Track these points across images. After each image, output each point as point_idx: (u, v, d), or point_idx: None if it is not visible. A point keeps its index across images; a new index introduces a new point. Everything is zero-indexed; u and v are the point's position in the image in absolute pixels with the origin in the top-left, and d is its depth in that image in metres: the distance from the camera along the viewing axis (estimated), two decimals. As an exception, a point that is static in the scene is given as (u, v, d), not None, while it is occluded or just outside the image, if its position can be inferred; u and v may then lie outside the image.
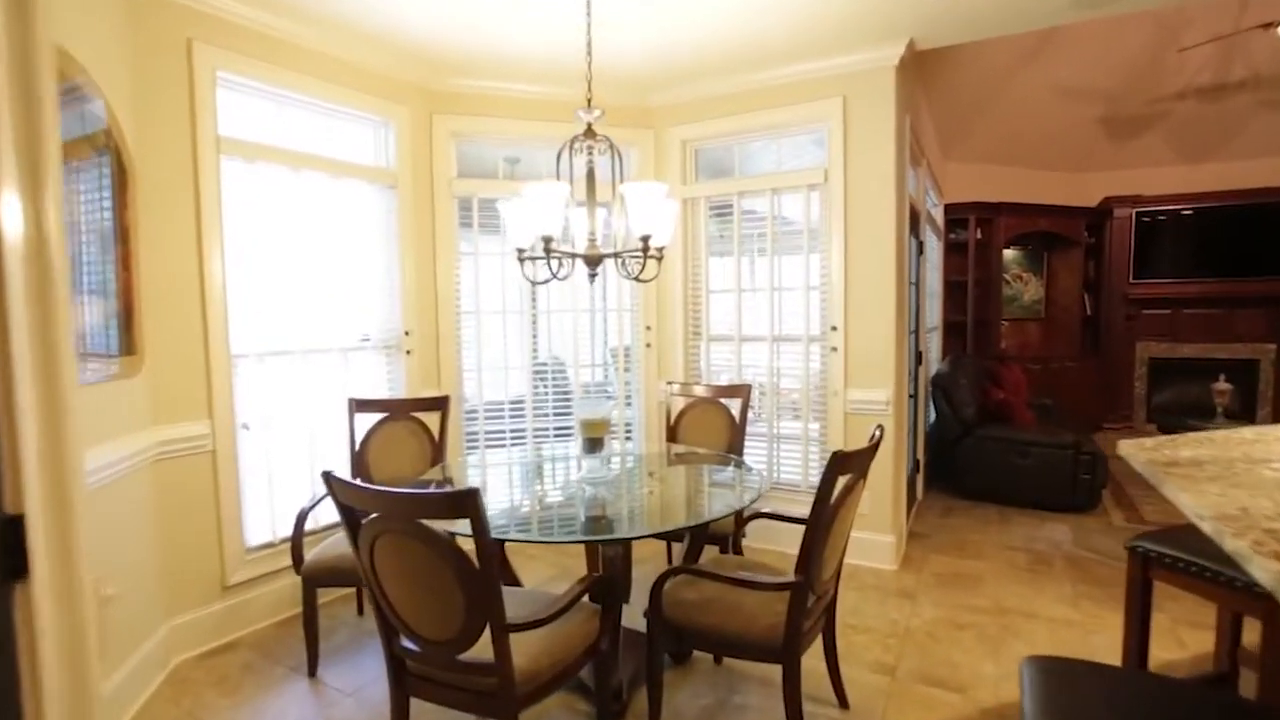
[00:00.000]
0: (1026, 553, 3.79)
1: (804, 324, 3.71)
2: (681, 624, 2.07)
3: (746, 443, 3.80)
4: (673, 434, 3.58)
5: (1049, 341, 7.18)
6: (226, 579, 2.87)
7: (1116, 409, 7.12)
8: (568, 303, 4.07)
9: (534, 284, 2.42)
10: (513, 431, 4.07)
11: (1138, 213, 6.89)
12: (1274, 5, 4.95)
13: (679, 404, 3.60)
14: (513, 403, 4.11)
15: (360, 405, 3.13)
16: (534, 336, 4.31)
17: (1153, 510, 4.43)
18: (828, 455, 3.79)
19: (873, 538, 3.55)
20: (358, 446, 3.05)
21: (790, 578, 1.95)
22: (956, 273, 6.51)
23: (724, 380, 4.07)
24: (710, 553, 2.76)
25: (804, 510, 2.02)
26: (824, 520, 1.94)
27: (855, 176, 3.50)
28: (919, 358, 4.58)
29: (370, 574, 1.74)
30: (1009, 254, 6.98)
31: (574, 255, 2.41)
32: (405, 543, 1.65)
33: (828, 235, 3.59)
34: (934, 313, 5.99)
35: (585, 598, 2.02)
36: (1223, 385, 5.20)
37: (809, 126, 3.66)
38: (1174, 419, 5.64)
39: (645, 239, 2.29)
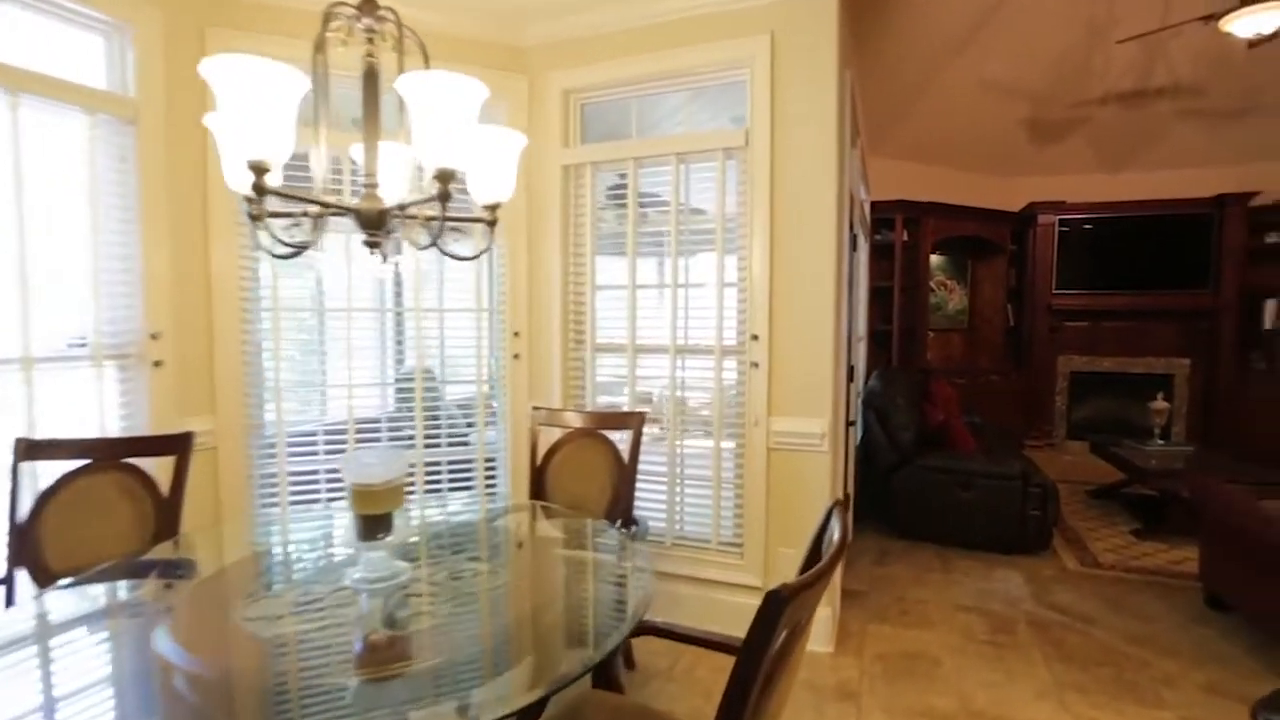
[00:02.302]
0: (982, 616, 3.08)
1: (717, 331, 2.85)
2: None
3: (642, 482, 2.91)
4: (539, 480, 2.62)
5: (973, 354, 6.74)
6: None
7: (1039, 425, 6.76)
8: (449, 299, 3.05)
9: (275, 256, 1.44)
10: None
11: (1060, 220, 6.56)
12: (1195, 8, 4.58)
13: (548, 437, 2.65)
14: (362, 425, 3.02)
15: (34, 450, 1.99)
16: (398, 342, 3.27)
17: (1106, 551, 3.88)
18: (743, 502, 2.99)
19: (802, 610, 2.72)
20: (27, 515, 1.92)
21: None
22: (882, 277, 5.92)
23: (613, 403, 3.16)
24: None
25: (716, 576, 1.13)
26: (755, 680, 1.04)
27: (785, 141, 2.68)
28: (849, 372, 3.84)
29: None
30: (934, 260, 6.48)
31: (327, 208, 1.41)
32: None
33: (748, 216, 2.75)
34: (859, 320, 5.34)
35: None
36: (1160, 404, 4.81)
37: (727, 73, 2.81)
38: (1106, 437, 5.24)
39: (443, 179, 1.33)
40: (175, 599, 1.53)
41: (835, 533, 1.25)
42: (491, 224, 1.65)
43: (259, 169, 1.19)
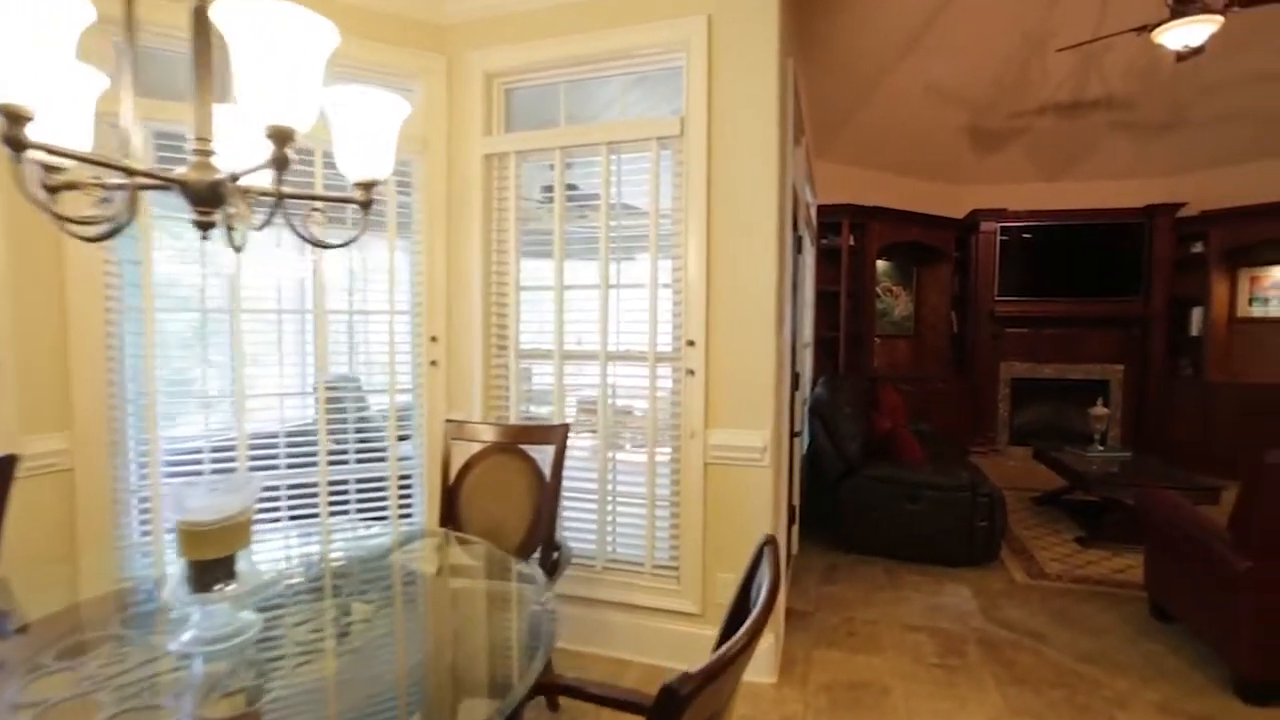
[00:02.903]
0: (932, 636, 2.93)
1: (650, 336, 2.63)
2: None
3: (571, 500, 2.66)
4: (451, 502, 2.34)
5: (919, 360, 6.73)
6: None
7: (982, 431, 6.78)
8: (370, 300, 2.72)
9: (82, 239, 1.13)
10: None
11: (1001, 228, 6.62)
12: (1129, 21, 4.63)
13: (462, 453, 2.38)
14: (255, 441, 2.67)
15: None
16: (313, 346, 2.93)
17: (1052, 561, 3.81)
18: (679, 521, 2.76)
19: (743, 638, 2.50)
20: None
21: None
22: (829, 282, 5.83)
23: (549, 415, 2.90)
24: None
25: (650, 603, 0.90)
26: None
27: (723, 131, 2.48)
28: (795, 379, 3.68)
29: None
30: (880, 266, 6.44)
31: (134, 175, 1.11)
32: None
33: (684, 211, 2.54)
34: (805, 326, 5.21)
35: None
36: (1100, 410, 4.82)
37: (662, 57, 2.60)
38: (1049, 444, 5.24)
39: (278, 139, 1.05)
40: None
41: (765, 583, 1.02)
42: (365, 206, 1.38)
43: (13, 115, 0.90)
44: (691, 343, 2.51)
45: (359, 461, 2.85)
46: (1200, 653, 2.78)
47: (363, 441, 2.90)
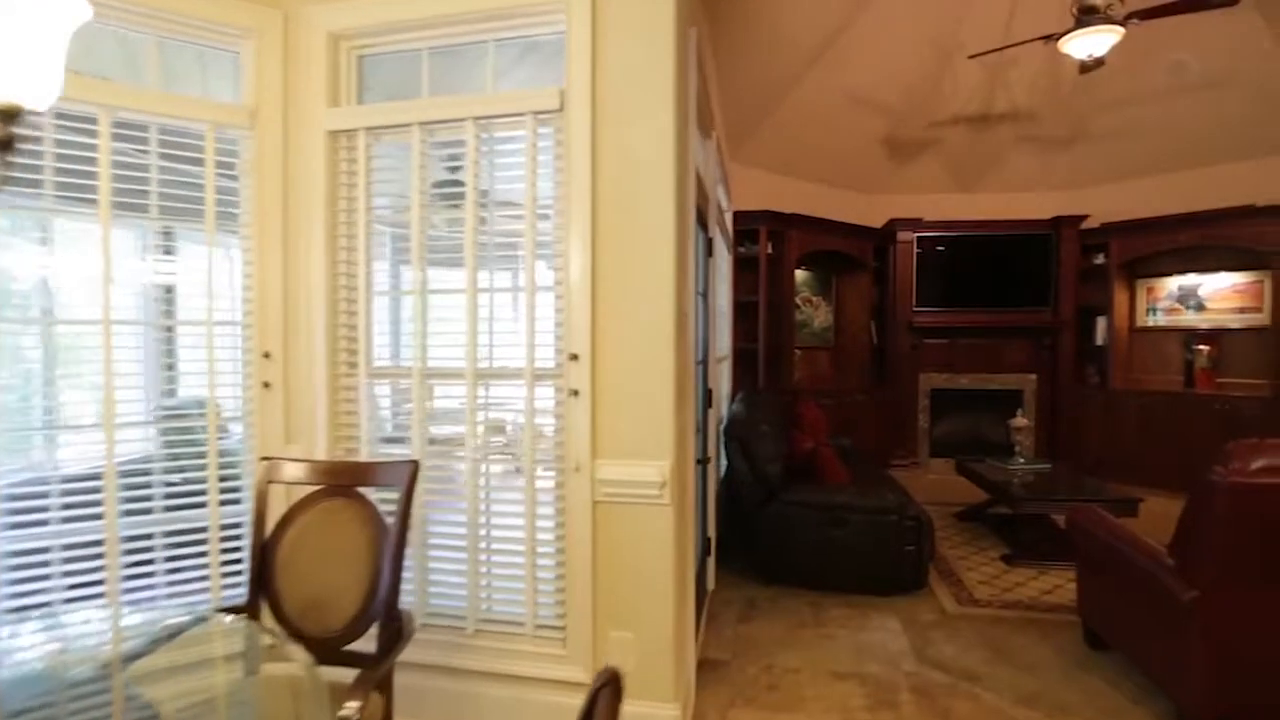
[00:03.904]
0: (861, 684, 2.60)
1: (527, 350, 2.19)
2: None
3: (438, 550, 2.19)
4: (265, 565, 1.83)
5: (840, 372, 6.56)
6: None
7: (903, 444, 6.67)
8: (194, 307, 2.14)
9: None
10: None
11: (919, 238, 6.56)
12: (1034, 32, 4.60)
13: (284, 499, 1.87)
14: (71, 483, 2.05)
15: None
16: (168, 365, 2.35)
17: (981, 583, 3.59)
18: (565, 572, 2.09)
19: (647, 711, 2.08)
20: None
21: None
22: (747, 292, 5.55)
23: (385, 451, 2.40)
24: None
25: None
26: None
27: (611, 107, 2.09)
28: (708, 397, 3.32)
29: None
30: (799, 276, 6.24)
31: None
32: None
33: (565, 201, 2.13)
34: (723, 338, 4.90)
35: None
36: (1020, 421, 4.73)
37: (541, 18, 2.19)
38: (970, 455, 5.12)
39: None
40: None
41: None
42: (4, 147, 0.89)
43: None
44: (575, 356, 2.09)
45: (169, 510, 2.27)
46: (1141, 685, 2.56)
47: (184, 484, 2.32)
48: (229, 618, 1.54)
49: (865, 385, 6.43)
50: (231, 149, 2.34)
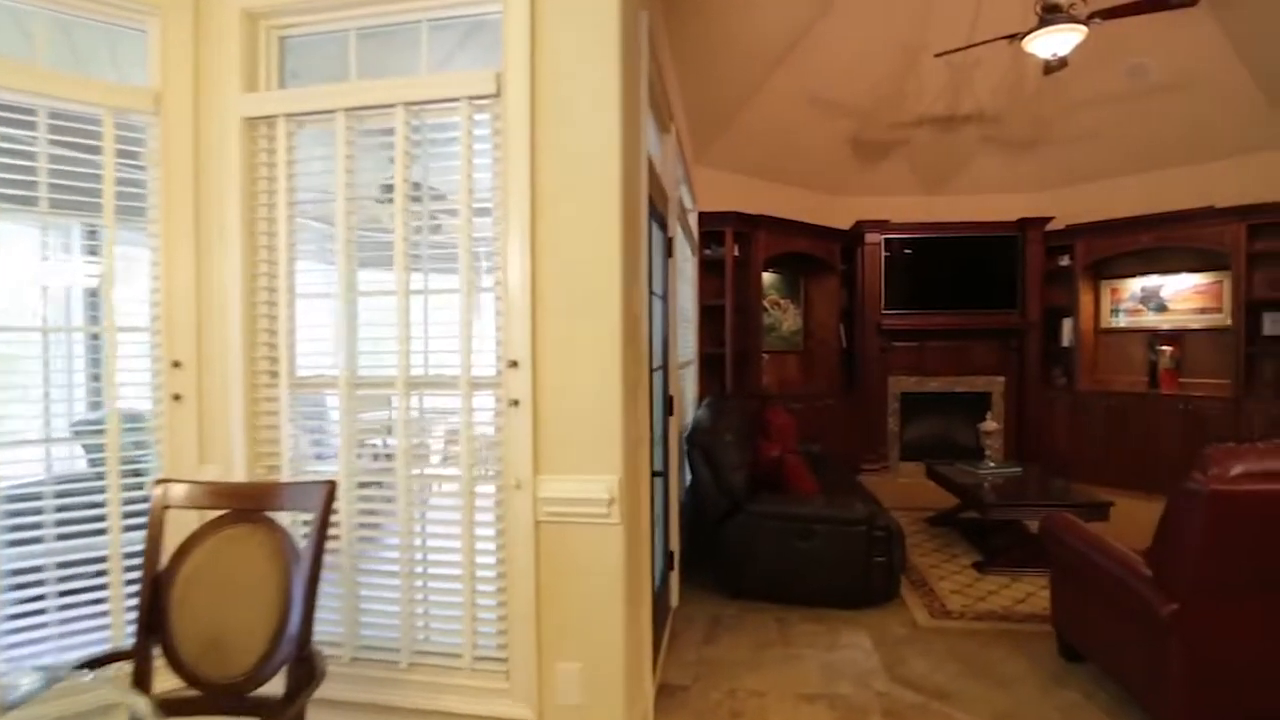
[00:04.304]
0: (831, 707, 2.45)
1: (464, 356, 2.00)
2: None
3: (364, 578, 2.00)
4: (158, 602, 1.61)
5: (809, 377, 6.46)
6: None
7: (874, 448, 6.59)
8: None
9: None
10: None
11: (886, 240, 6.51)
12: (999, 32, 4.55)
13: (183, 525, 1.66)
14: None
15: None
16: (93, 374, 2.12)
17: (953, 593, 3.48)
18: (507, 598, 1.87)
19: (593, 749, 1.90)
20: None
21: None
22: (714, 295, 5.42)
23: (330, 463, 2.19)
24: None
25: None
26: None
27: (553, 93, 1.93)
28: (669, 404, 3.17)
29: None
30: (766, 278, 6.13)
31: None
32: None
33: (503, 194, 1.96)
34: (688, 342, 4.76)
35: None
36: (990, 425, 4.66)
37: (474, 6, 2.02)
38: (939, 459, 5.05)
39: None
40: None
41: None
42: None
43: None
44: (514, 364, 1.92)
45: (62, 538, 2.03)
46: (1118, 698, 2.46)
47: (88, 507, 2.09)
48: (88, 675, 1.32)
49: (835, 389, 6.34)
50: (137, 137, 2.12)
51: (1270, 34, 4.85)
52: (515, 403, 1.92)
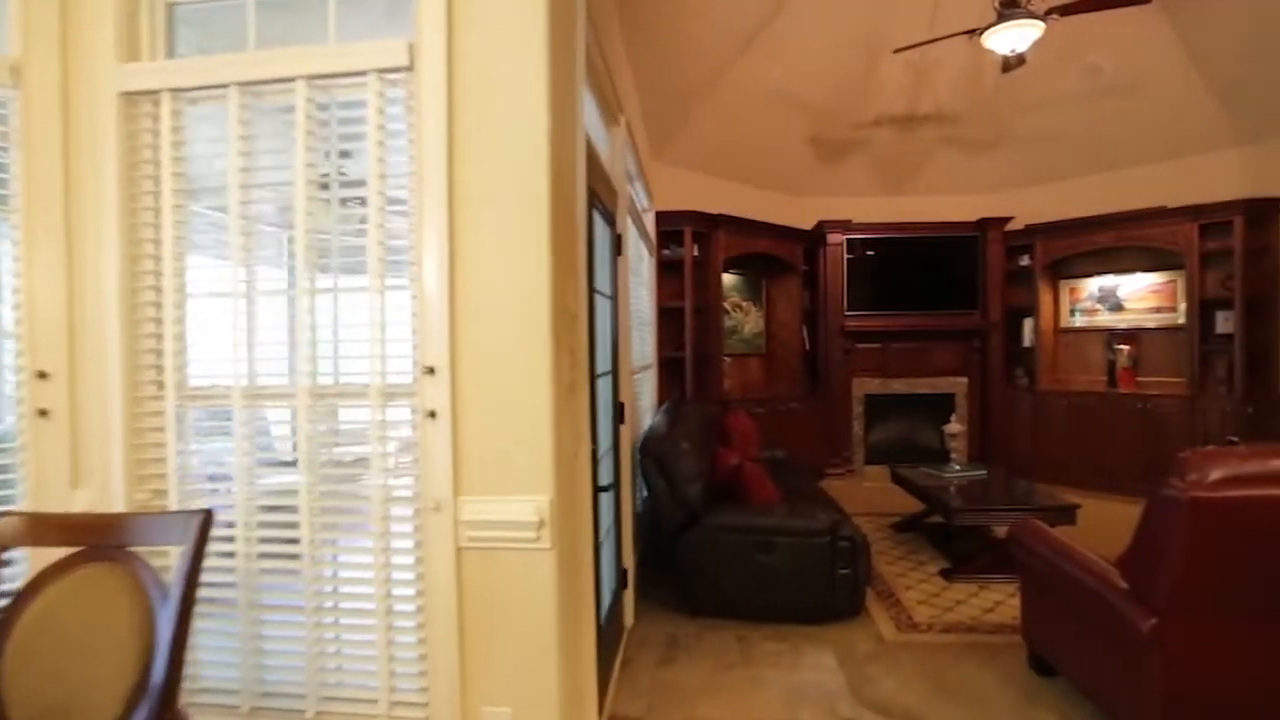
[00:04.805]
0: (791, 738, 2.27)
1: (374, 363, 1.77)
2: None
3: (267, 616, 1.74)
4: (-24, 664, 1.34)
5: (772, 380, 6.33)
6: None
7: (839, 451, 6.48)
8: None
9: None
10: None
11: (848, 240, 6.42)
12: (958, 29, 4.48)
13: (23, 565, 1.40)
14: None
15: None
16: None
17: (920, 604, 3.34)
18: (427, 635, 1.64)
19: (526, 803, 1.68)
20: None
21: None
22: (672, 297, 5.24)
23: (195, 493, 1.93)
24: None
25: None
26: None
27: (474, 66, 1.71)
28: (620, 411, 2.96)
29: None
30: (727, 280, 5.99)
31: None
32: None
33: (417, 179, 1.73)
34: (645, 346, 4.57)
35: None
36: (955, 427, 4.56)
37: (383, -37, 1.80)
38: (904, 461, 4.94)
39: None
40: None
41: None
42: None
43: None
44: (431, 370, 1.69)
45: (-96, 579, 1.73)
46: (1094, 716, 2.32)
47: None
48: None
49: (798, 392, 6.22)
50: (-5, 114, 1.84)
51: (1220, 36, 4.88)
52: (432, 414, 1.69)
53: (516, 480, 1.67)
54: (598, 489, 2.21)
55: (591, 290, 2.20)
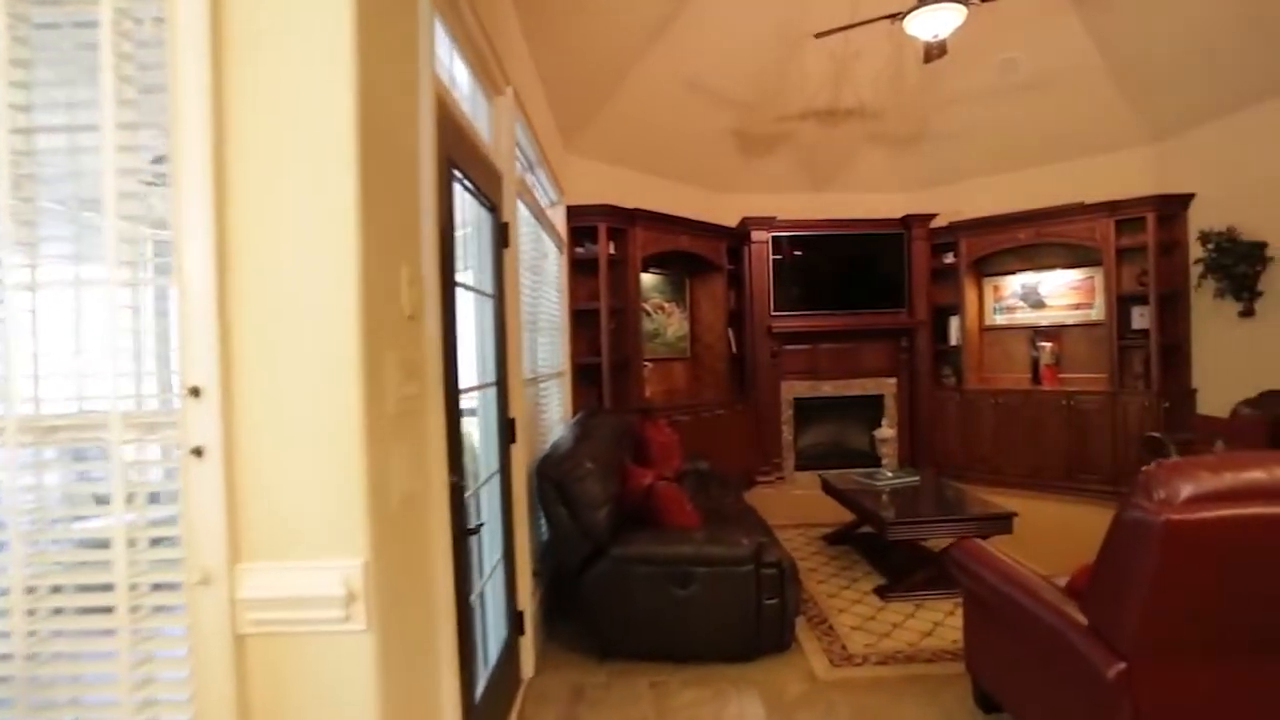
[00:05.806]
0: (707, 821, 1.89)
1: (114, 382, 1.28)
2: None
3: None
4: None
5: (698, 385, 6.01)
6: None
7: (768, 459, 6.22)
8: None
9: None
10: None
11: (774, 238, 6.18)
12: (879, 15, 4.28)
13: None
14: None
15: None
16: None
17: (855, 631, 3.04)
18: None
19: None
20: None
21: None
22: (586, 298, 4.84)
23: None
24: None
25: None
26: None
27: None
28: (509, 430, 2.53)
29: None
30: (648, 280, 5.63)
31: None
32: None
33: (174, 138, 1.26)
34: (556, 352, 4.14)
35: None
36: (886, 432, 4.35)
37: None
38: (834, 466, 4.71)
39: None
40: None
41: None
42: None
43: None
44: (196, 391, 1.22)
45: None
46: (1044, 764, 2.05)
47: None
48: None
49: (725, 398, 5.92)
50: None
51: (1128, 34, 4.87)
52: (198, 451, 1.22)
53: (316, 540, 1.22)
54: (464, 532, 1.78)
55: (449, 284, 1.76)
